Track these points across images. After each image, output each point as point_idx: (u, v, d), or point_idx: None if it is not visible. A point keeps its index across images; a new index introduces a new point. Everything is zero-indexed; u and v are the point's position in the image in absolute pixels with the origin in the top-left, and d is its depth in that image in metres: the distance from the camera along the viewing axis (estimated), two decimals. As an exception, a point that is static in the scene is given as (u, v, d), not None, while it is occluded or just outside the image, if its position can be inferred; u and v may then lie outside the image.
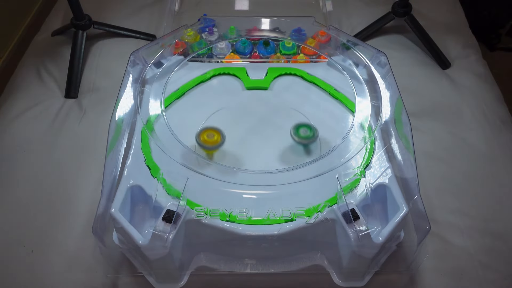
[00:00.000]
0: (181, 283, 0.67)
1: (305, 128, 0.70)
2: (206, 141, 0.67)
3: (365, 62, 0.80)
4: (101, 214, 0.61)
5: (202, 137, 0.67)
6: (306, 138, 0.70)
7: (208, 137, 0.67)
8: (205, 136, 0.67)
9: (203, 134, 0.67)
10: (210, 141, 0.67)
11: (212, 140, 0.67)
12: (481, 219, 0.77)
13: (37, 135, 0.88)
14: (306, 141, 0.70)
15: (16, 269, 0.70)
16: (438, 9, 1.20)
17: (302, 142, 0.71)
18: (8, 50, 1.45)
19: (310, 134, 0.70)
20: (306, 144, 0.72)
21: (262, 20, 0.90)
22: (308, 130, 0.70)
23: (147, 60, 0.79)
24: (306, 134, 0.70)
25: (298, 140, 0.70)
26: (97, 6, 1.17)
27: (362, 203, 0.63)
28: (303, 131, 0.70)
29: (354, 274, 0.67)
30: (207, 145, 0.67)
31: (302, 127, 0.70)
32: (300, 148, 0.73)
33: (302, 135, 0.70)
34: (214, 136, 0.67)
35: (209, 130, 0.68)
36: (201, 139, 0.67)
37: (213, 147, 0.68)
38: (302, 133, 0.70)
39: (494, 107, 0.97)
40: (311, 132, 0.70)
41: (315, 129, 0.70)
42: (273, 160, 0.71)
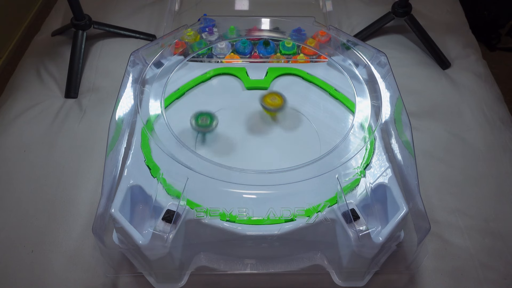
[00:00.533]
0: (181, 283, 0.67)
1: (205, 116, 0.72)
2: (269, 104, 0.74)
3: (365, 62, 0.80)
4: (101, 214, 0.61)
5: (265, 100, 0.74)
6: (204, 126, 0.72)
7: (272, 100, 0.74)
8: (269, 99, 0.74)
9: (267, 98, 0.75)
10: (273, 103, 0.74)
11: (275, 102, 0.74)
12: (481, 219, 0.77)
13: (37, 135, 0.88)
14: (204, 129, 0.73)
15: (16, 269, 0.70)
16: (438, 9, 1.20)
17: (201, 131, 0.73)
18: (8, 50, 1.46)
19: (208, 123, 0.72)
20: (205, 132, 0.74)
21: (262, 20, 0.90)
22: (207, 118, 0.72)
23: (147, 60, 0.79)
24: (205, 123, 0.72)
25: (196, 128, 0.72)
26: (97, 6, 1.17)
27: (362, 203, 0.63)
28: (202, 119, 0.72)
29: (354, 274, 0.67)
30: (271, 107, 0.74)
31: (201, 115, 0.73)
32: (301, 148, 0.73)
33: (200, 124, 0.72)
34: (276, 99, 0.74)
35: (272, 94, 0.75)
36: (265, 101, 0.74)
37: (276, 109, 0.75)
38: (201, 122, 0.72)
39: (494, 107, 0.97)
40: (211, 120, 0.72)
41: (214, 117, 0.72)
42: (273, 160, 0.71)
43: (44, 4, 1.64)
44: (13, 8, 1.49)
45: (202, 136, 0.74)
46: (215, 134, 0.75)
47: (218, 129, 0.76)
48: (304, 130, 0.76)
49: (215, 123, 0.72)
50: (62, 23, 1.15)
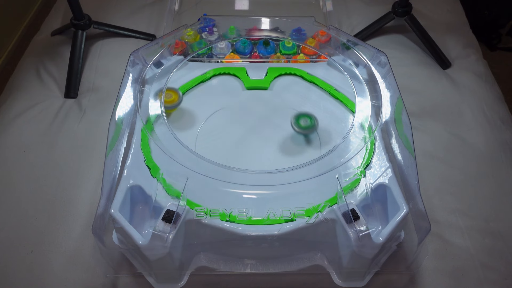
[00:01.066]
0: (181, 283, 0.67)
1: (305, 118, 0.71)
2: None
3: (365, 62, 0.80)
4: (101, 214, 0.61)
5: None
6: (307, 128, 0.71)
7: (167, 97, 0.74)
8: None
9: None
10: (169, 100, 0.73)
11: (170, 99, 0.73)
12: (482, 219, 0.77)
13: (36, 135, 0.88)
14: (307, 131, 0.71)
15: (16, 269, 0.70)
16: (439, 9, 1.20)
17: (303, 132, 0.72)
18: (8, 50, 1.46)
19: (311, 124, 0.71)
20: (307, 134, 0.73)
21: (262, 20, 0.90)
22: (308, 120, 0.71)
23: (147, 60, 0.79)
24: (306, 124, 0.71)
25: (299, 130, 0.71)
26: (97, 6, 1.17)
27: (362, 203, 0.63)
28: (303, 121, 0.71)
29: (354, 274, 0.67)
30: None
31: (302, 117, 0.72)
32: (301, 147, 0.73)
33: (302, 125, 0.71)
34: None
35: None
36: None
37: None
38: (303, 123, 0.71)
39: (494, 106, 0.96)
40: (311, 121, 0.71)
41: (315, 118, 0.71)
42: (273, 160, 0.71)
43: (43, 4, 1.64)
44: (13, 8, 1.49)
45: (305, 138, 0.74)
46: (215, 134, 0.75)
47: (218, 129, 0.76)
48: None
49: (317, 122, 0.72)
50: (62, 23, 1.15)
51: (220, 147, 0.73)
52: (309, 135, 0.73)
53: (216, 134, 0.75)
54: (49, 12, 1.22)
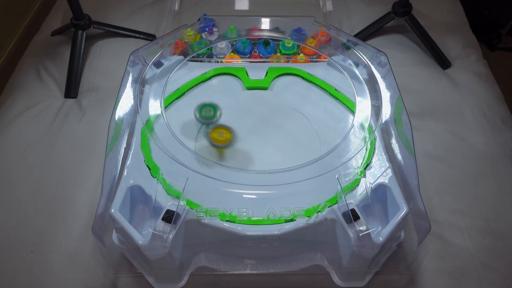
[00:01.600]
0: (181, 283, 0.67)
1: (209, 107, 0.71)
2: (216, 140, 0.69)
3: (365, 62, 0.80)
4: (101, 214, 0.61)
5: (212, 135, 0.69)
6: (207, 118, 0.71)
7: (219, 135, 0.69)
8: (216, 134, 0.69)
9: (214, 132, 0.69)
10: (221, 139, 0.69)
11: (223, 138, 0.69)
12: (482, 219, 0.77)
13: (36, 135, 0.88)
14: (207, 120, 0.71)
15: (16, 269, 0.70)
16: (439, 9, 1.20)
17: (204, 122, 0.72)
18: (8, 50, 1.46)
19: (213, 114, 0.70)
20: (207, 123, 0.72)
21: (262, 20, 0.90)
22: (211, 110, 0.71)
23: (147, 60, 0.79)
24: (208, 114, 0.71)
25: (200, 120, 0.71)
26: (97, 6, 1.17)
27: (362, 203, 0.63)
28: (206, 111, 0.71)
29: (354, 274, 0.67)
30: (218, 143, 0.69)
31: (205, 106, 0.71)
32: (301, 148, 0.73)
33: (204, 115, 0.71)
34: (223, 134, 0.69)
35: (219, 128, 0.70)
36: (211, 137, 0.69)
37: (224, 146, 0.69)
38: (205, 113, 0.71)
39: (494, 107, 0.96)
40: (214, 111, 0.71)
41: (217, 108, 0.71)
42: (273, 160, 0.71)
43: (43, 4, 1.64)
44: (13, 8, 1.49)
45: (206, 128, 0.73)
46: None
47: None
48: (304, 130, 0.76)
49: (219, 113, 0.71)
50: (62, 23, 1.15)
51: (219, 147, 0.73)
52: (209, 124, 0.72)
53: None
54: (49, 12, 1.22)
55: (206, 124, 0.72)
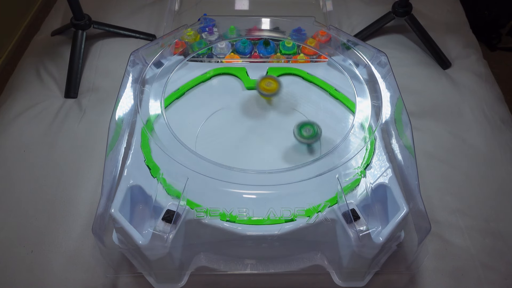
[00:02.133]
0: (181, 283, 0.67)
1: (308, 127, 0.70)
2: (265, 89, 0.74)
3: (365, 62, 0.80)
4: (101, 214, 0.61)
5: (261, 85, 0.74)
6: (310, 137, 0.70)
7: (267, 85, 0.75)
8: (264, 84, 0.74)
9: (262, 82, 0.76)
10: (269, 88, 0.75)
11: (271, 87, 0.75)
12: (482, 219, 0.77)
13: (36, 135, 0.88)
14: (310, 140, 0.70)
15: (16, 269, 0.70)
16: (439, 9, 1.20)
17: (306, 142, 0.71)
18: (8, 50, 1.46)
19: (313, 133, 0.70)
20: (310, 144, 0.72)
21: (262, 20, 0.90)
22: (311, 129, 0.70)
23: (147, 60, 0.79)
24: (309, 133, 0.70)
25: (301, 140, 0.70)
26: (97, 6, 1.17)
27: (362, 203, 0.63)
28: (306, 130, 0.70)
29: (355, 274, 0.67)
30: (266, 92, 0.75)
31: (304, 126, 0.70)
32: (301, 148, 0.73)
33: (305, 135, 0.70)
34: (272, 84, 0.75)
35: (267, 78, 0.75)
36: (260, 87, 0.74)
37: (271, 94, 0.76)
38: (305, 133, 0.70)
39: (494, 107, 0.96)
40: (314, 131, 0.70)
41: (318, 127, 0.70)
42: (273, 160, 0.71)
43: (43, 4, 1.64)
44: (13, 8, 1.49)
45: (308, 148, 0.72)
46: (215, 134, 0.75)
47: (218, 129, 0.76)
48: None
49: (320, 130, 0.70)
50: (62, 23, 1.15)
51: (220, 147, 0.73)
52: (312, 144, 0.72)
53: (216, 134, 0.75)
54: (49, 12, 1.22)
55: (307, 145, 0.72)
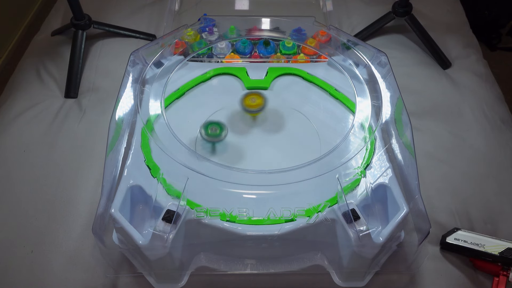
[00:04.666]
0: (181, 283, 0.67)
1: (215, 126, 0.71)
2: (250, 105, 0.73)
3: (366, 62, 0.80)
4: (101, 214, 0.61)
5: (245, 102, 0.73)
6: (214, 136, 0.71)
7: (251, 101, 0.74)
8: (249, 100, 0.73)
9: (247, 99, 0.74)
10: (254, 104, 0.74)
11: (255, 103, 0.74)
12: (482, 219, 0.77)
13: (36, 135, 0.88)
14: (214, 139, 0.71)
15: (16, 269, 0.70)
16: (439, 9, 1.20)
17: (210, 140, 0.72)
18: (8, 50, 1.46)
19: (218, 132, 0.71)
20: (213, 142, 0.72)
21: (262, 20, 0.90)
22: (217, 128, 0.71)
23: (147, 60, 0.79)
24: (214, 132, 0.71)
25: (206, 138, 0.71)
26: (97, 6, 1.17)
27: (362, 203, 0.63)
28: (212, 129, 0.71)
29: (355, 274, 0.67)
30: (252, 109, 0.74)
31: (211, 125, 0.71)
32: (301, 148, 0.73)
33: (210, 133, 0.71)
34: (256, 99, 0.74)
35: (250, 95, 0.74)
36: (245, 103, 0.73)
37: (257, 110, 0.74)
38: (211, 131, 0.71)
39: (494, 107, 0.96)
40: (220, 130, 0.71)
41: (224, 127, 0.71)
42: (273, 160, 0.71)
43: (43, 4, 1.64)
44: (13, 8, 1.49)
45: (212, 146, 0.73)
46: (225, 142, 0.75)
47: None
48: (304, 130, 0.76)
49: (225, 133, 0.71)
50: (62, 23, 1.15)
51: (220, 147, 0.73)
52: (215, 143, 0.73)
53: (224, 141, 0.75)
54: (49, 12, 1.22)
55: (212, 143, 0.73)
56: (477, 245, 0.69)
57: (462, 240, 0.70)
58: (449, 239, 0.71)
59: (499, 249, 0.67)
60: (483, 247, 0.68)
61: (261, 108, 0.74)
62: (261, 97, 0.75)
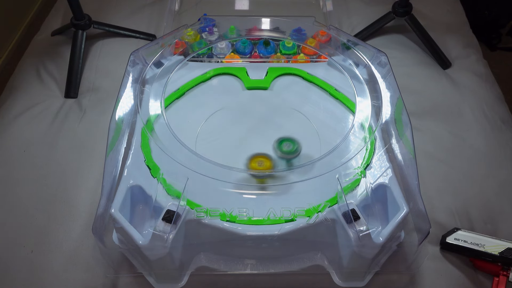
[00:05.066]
0: (181, 283, 0.67)
1: (288, 142, 0.70)
2: (257, 169, 0.67)
3: (366, 62, 0.80)
4: (101, 214, 0.61)
5: (251, 165, 0.67)
6: (289, 153, 0.69)
7: (259, 164, 0.68)
8: (255, 163, 0.68)
9: (253, 162, 0.68)
10: (261, 168, 0.67)
11: (263, 166, 0.67)
12: (482, 220, 0.77)
13: (37, 135, 0.88)
14: (289, 156, 0.70)
15: (16, 269, 0.70)
16: (439, 9, 1.20)
17: (284, 157, 0.70)
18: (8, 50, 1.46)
19: (293, 149, 0.69)
20: (289, 159, 0.70)
21: (262, 20, 0.90)
22: (291, 145, 0.70)
23: (147, 60, 0.79)
24: (288, 148, 0.69)
25: (281, 155, 0.69)
26: (97, 6, 1.17)
27: (362, 203, 0.63)
28: (286, 145, 0.69)
29: (355, 274, 0.67)
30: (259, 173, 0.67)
31: (285, 141, 0.70)
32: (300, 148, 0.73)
33: (284, 150, 0.69)
34: (263, 162, 0.67)
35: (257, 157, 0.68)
36: (251, 166, 0.67)
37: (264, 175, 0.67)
38: (285, 148, 0.69)
39: (494, 107, 0.96)
40: (294, 146, 0.69)
41: (298, 144, 0.70)
42: (273, 160, 0.71)
43: (43, 4, 1.64)
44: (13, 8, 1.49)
45: (287, 162, 0.70)
46: (215, 134, 0.75)
47: (218, 129, 0.76)
48: (304, 130, 0.76)
49: (300, 148, 0.69)
50: (62, 23, 1.15)
51: (220, 147, 0.73)
52: (291, 160, 0.70)
53: (216, 134, 0.75)
54: (49, 12, 1.22)
55: (287, 160, 0.70)
56: (477, 245, 0.69)
57: (462, 240, 0.70)
58: (449, 239, 0.71)
59: (499, 249, 0.67)
60: (483, 247, 0.68)
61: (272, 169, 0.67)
62: (268, 160, 0.68)
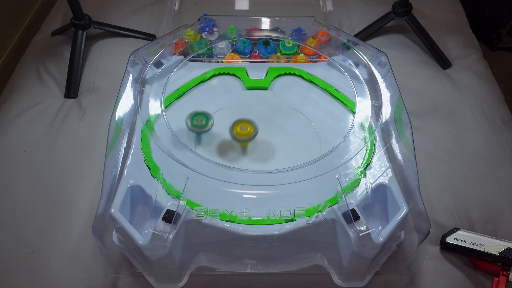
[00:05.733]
0: (181, 283, 0.67)
1: (200, 116, 0.71)
2: (239, 134, 0.69)
3: (366, 62, 0.80)
4: (101, 214, 0.61)
5: (235, 130, 0.69)
6: (199, 126, 0.71)
7: (242, 129, 0.70)
8: (238, 128, 0.69)
9: (236, 127, 0.70)
10: (244, 133, 0.69)
11: (246, 132, 0.69)
12: (481, 220, 0.77)
13: (37, 135, 0.88)
14: (199, 129, 0.71)
15: (16, 269, 0.70)
16: (439, 9, 1.20)
17: (196, 131, 0.72)
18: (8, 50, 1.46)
19: (203, 123, 0.71)
20: (200, 132, 0.72)
21: (262, 20, 0.90)
22: (203, 119, 0.71)
23: (147, 60, 0.79)
24: (200, 123, 0.71)
25: (191, 128, 0.71)
26: (97, 6, 1.17)
27: (362, 203, 0.63)
28: (198, 119, 0.71)
29: (355, 274, 0.67)
30: (241, 137, 0.69)
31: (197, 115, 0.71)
32: (301, 148, 0.73)
33: (195, 124, 0.70)
34: (247, 128, 0.69)
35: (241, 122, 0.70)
36: (234, 132, 0.69)
37: (246, 139, 0.70)
38: (196, 122, 0.71)
39: (494, 106, 0.96)
40: (206, 121, 0.71)
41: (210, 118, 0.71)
42: (273, 160, 0.71)
43: (43, 4, 1.64)
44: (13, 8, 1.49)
45: (198, 136, 0.73)
46: (215, 134, 0.75)
47: (218, 129, 0.76)
48: (304, 130, 0.76)
49: (211, 123, 0.71)
50: (62, 22, 1.15)
51: (220, 147, 0.73)
52: (201, 133, 0.73)
53: (216, 134, 0.75)
54: (49, 12, 1.22)
55: (197, 133, 0.72)
56: (477, 245, 0.69)
57: (462, 240, 0.70)
58: (449, 239, 0.71)
59: (499, 249, 0.67)
60: (483, 247, 0.68)
61: (252, 137, 0.69)
62: (251, 125, 0.70)
